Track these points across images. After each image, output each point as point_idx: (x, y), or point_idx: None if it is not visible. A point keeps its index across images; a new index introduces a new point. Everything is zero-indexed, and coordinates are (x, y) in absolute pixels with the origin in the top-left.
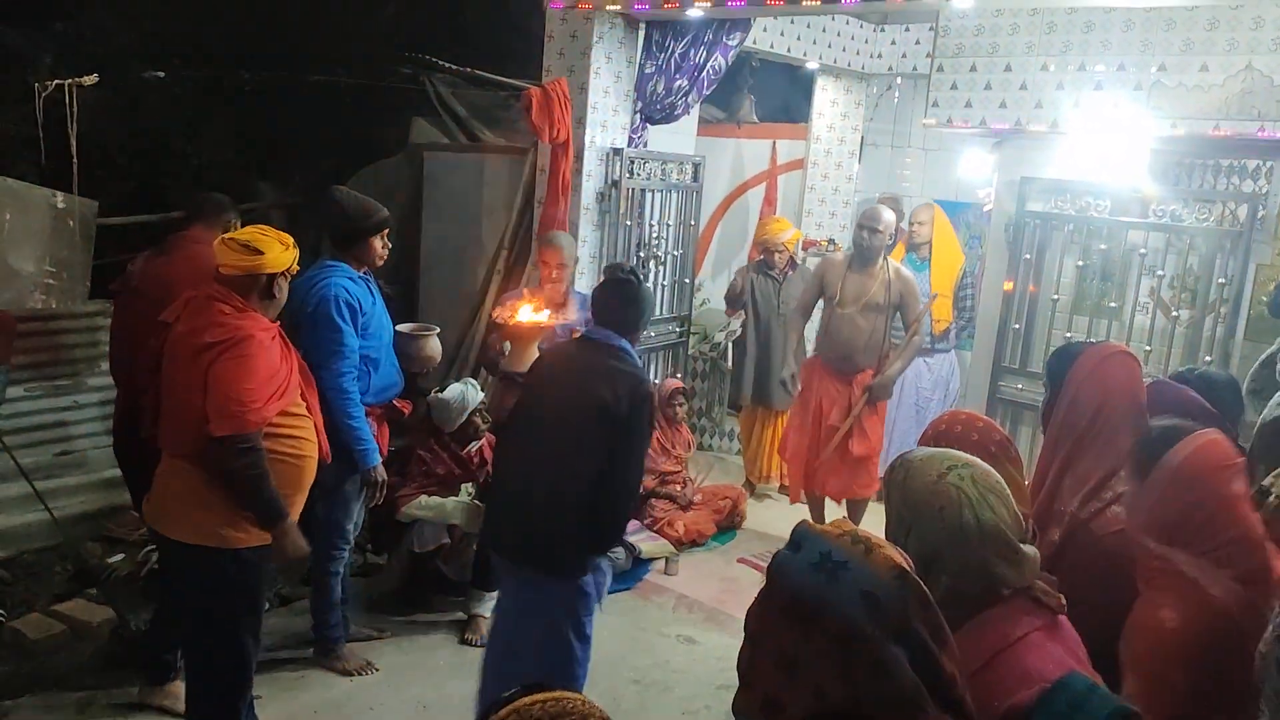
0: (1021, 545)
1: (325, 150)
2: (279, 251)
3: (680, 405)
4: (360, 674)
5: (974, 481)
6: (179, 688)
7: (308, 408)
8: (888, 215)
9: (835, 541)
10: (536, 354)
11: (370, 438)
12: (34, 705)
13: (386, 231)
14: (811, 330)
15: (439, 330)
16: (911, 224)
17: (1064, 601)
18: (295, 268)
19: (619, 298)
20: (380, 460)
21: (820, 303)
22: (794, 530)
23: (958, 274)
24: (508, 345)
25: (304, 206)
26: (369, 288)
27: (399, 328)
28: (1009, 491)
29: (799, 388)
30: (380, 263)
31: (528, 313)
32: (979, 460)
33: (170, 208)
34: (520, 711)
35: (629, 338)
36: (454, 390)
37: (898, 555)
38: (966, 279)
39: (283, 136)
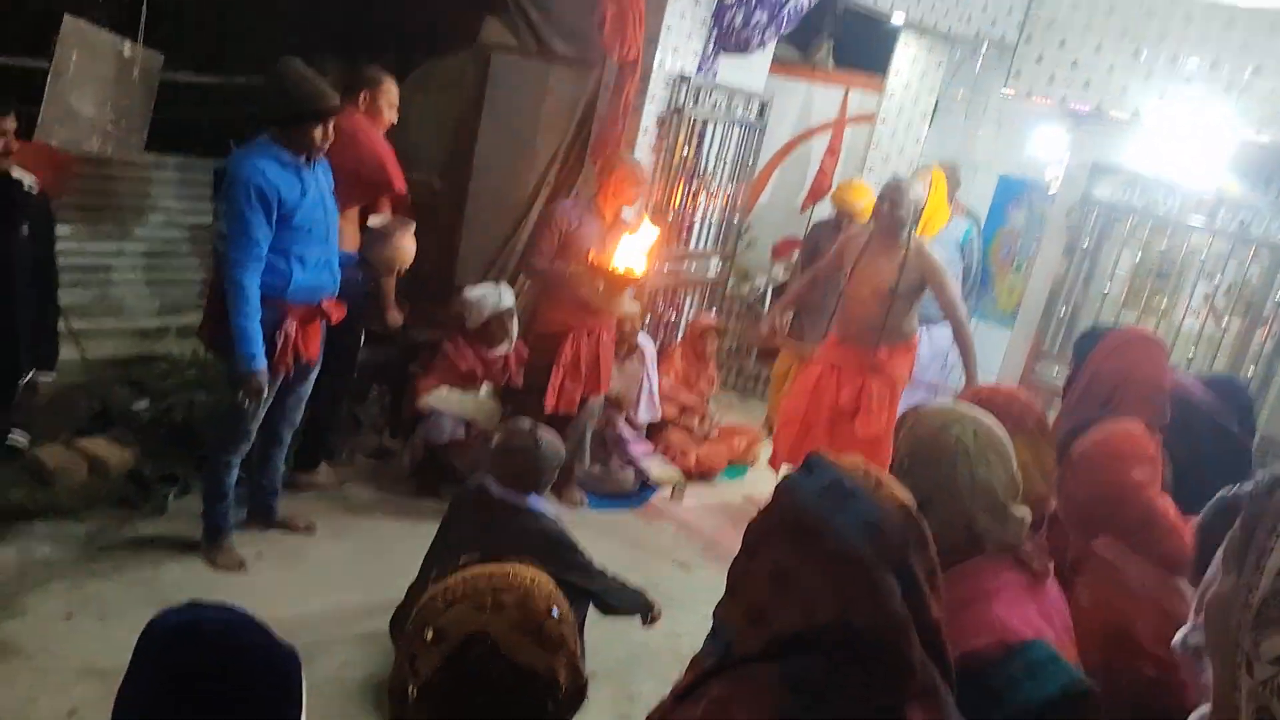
0: (1012, 507)
1: (395, 36)
2: None
3: (711, 342)
4: (228, 571)
5: (976, 436)
6: None
7: None
8: (912, 191)
9: (848, 472)
10: (629, 298)
11: (255, 340)
12: (45, 531)
13: (329, 121)
14: None
15: (413, 228)
16: None
17: (1050, 568)
18: None
19: (519, 464)
20: (264, 367)
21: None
22: (808, 456)
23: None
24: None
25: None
26: (300, 175)
27: (370, 221)
28: (1012, 454)
29: (769, 333)
30: (320, 154)
31: (624, 261)
32: (990, 419)
33: (232, 73)
34: (467, 580)
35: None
36: (478, 290)
37: (905, 494)
38: (971, 240)
39: (356, 17)
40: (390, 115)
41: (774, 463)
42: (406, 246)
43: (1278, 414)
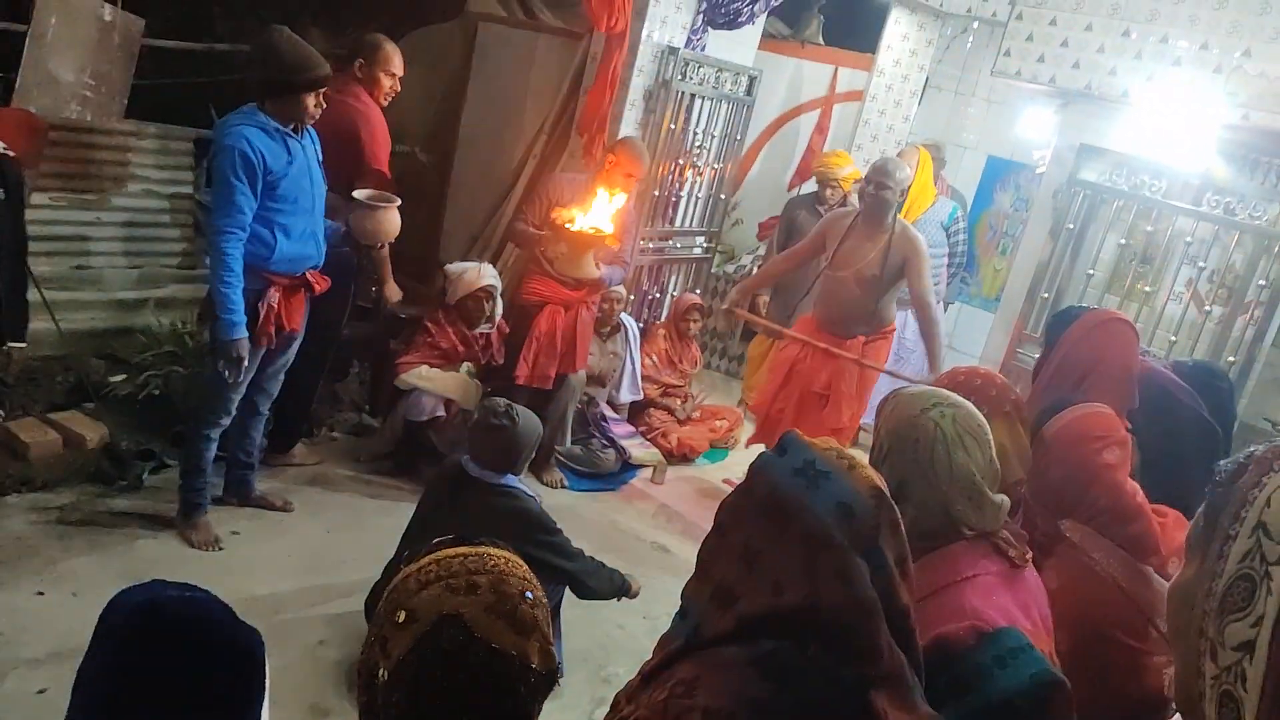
0: (989, 493)
1: (381, 4)
2: None
3: (695, 321)
4: (203, 549)
5: (954, 421)
6: None
7: None
8: (900, 171)
9: (821, 453)
10: (591, 263)
11: (237, 309)
12: (18, 505)
13: (320, 91)
14: None
15: (398, 204)
16: None
17: (1028, 556)
18: None
19: (495, 443)
20: (244, 336)
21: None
22: (782, 436)
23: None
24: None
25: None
26: (287, 144)
27: (355, 193)
28: (990, 439)
29: (730, 321)
30: (311, 121)
31: (589, 221)
32: (969, 404)
33: (217, 39)
34: (440, 562)
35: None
36: (460, 265)
37: (878, 478)
38: (957, 222)
39: None
40: (390, 84)
41: (753, 442)
42: (391, 219)
43: (1257, 402)
